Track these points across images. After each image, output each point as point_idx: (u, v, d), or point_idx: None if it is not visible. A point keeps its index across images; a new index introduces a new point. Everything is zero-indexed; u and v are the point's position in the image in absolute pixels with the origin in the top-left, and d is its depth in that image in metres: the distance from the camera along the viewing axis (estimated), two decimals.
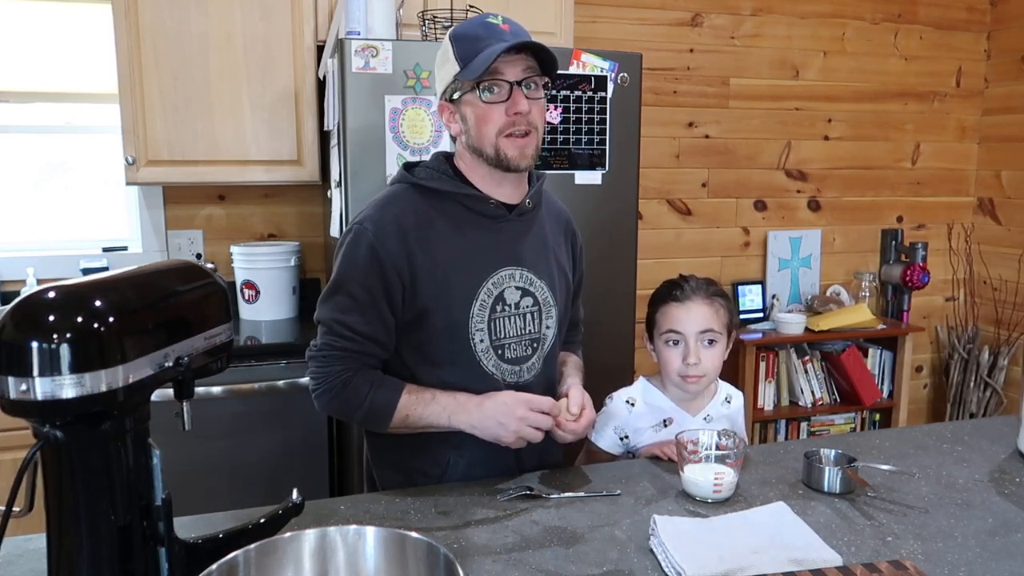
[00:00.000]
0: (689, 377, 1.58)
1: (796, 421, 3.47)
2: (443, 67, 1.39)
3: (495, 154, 1.38)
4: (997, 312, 3.72)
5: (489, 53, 1.31)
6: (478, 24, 1.37)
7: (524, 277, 1.46)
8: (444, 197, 1.42)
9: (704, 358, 1.58)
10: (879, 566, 1.09)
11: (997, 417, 2.79)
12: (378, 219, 1.38)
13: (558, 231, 1.57)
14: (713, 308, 1.59)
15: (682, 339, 1.58)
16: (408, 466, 1.47)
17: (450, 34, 1.37)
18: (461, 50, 1.34)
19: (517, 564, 1.13)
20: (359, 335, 1.36)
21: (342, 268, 1.39)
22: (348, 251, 1.38)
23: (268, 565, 0.91)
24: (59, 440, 0.86)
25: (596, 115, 2.33)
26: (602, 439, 1.65)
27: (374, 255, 1.36)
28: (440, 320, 1.39)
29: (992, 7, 3.68)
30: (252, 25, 2.51)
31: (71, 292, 0.84)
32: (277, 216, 2.94)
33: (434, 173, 1.43)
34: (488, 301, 1.42)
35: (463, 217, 1.42)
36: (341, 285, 1.38)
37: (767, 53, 3.41)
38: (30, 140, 2.81)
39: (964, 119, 3.76)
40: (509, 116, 1.36)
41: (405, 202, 1.40)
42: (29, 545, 1.17)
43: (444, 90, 1.40)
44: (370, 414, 1.37)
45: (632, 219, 2.45)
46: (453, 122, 1.42)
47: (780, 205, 3.55)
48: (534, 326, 1.48)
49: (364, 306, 1.36)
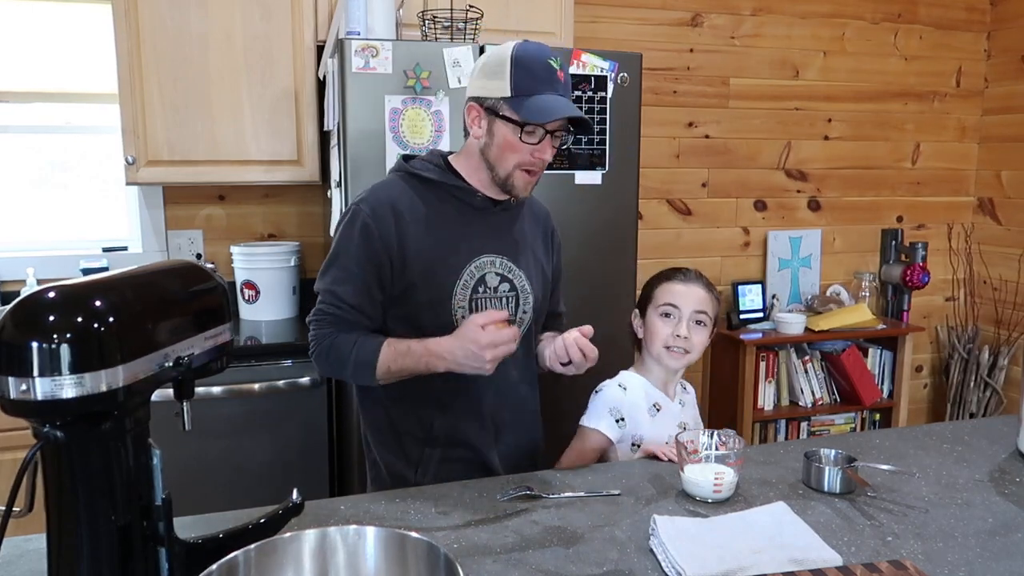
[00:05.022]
0: (673, 350, 1.65)
1: (796, 421, 3.47)
2: (491, 77, 1.44)
3: (505, 179, 1.49)
4: (997, 312, 3.72)
5: (549, 109, 1.41)
6: (541, 60, 1.43)
7: (504, 265, 1.56)
8: (436, 187, 1.53)
9: (692, 336, 1.66)
10: (879, 566, 1.09)
11: (997, 417, 2.80)
12: (374, 201, 1.50)
13: (537, 227, 1.67)
14: (709, 295, 1.70)
15: (677, 313, 1.67)
16: (398, 429, 1.58)
17: (514, 52, 1.43)
18: (517, 78, 1.42)
19: (517, 564, 1.13)
20: (348, 304, 1.48)
21: (339, 243, 1.51)
22: (345, 228, 1.50)
23: (268, 565, 0.91)
24: (59, 440, 0.86)
25: (596, 115, 2.33)
26: (600, 422, 1.64)
27: (368, 233, 1.47)
28: (424, 295, 1.50)
29: (992, 7, 3.68)
30: (252, 25, 2.51)
31: (71, 292, 0.84)
32: (277, 216, 2.94)
33: (429, 165, 1.54)
34: (470, 282, 1.52)
35: (452, 206, 1.53)
36: (337, 258, 1.51)
37: (767, 53, 3.41)
38: (30, 140, 2.81)
39: (964, 119, 3.76)
40: (534, 157, 1.47)
41: (401, 188, 1.52)
42: (29, 545, 1.17)
43: (484, 98, 1.46)
44: (357, 367, 1.47)
45: (632, 219, 2.45)
46: (478, 125, 1.49)
47: (780, 205, 3.56)
48: (512, 310, 1.58)
49: (355, 279, 1.48)
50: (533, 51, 1.44)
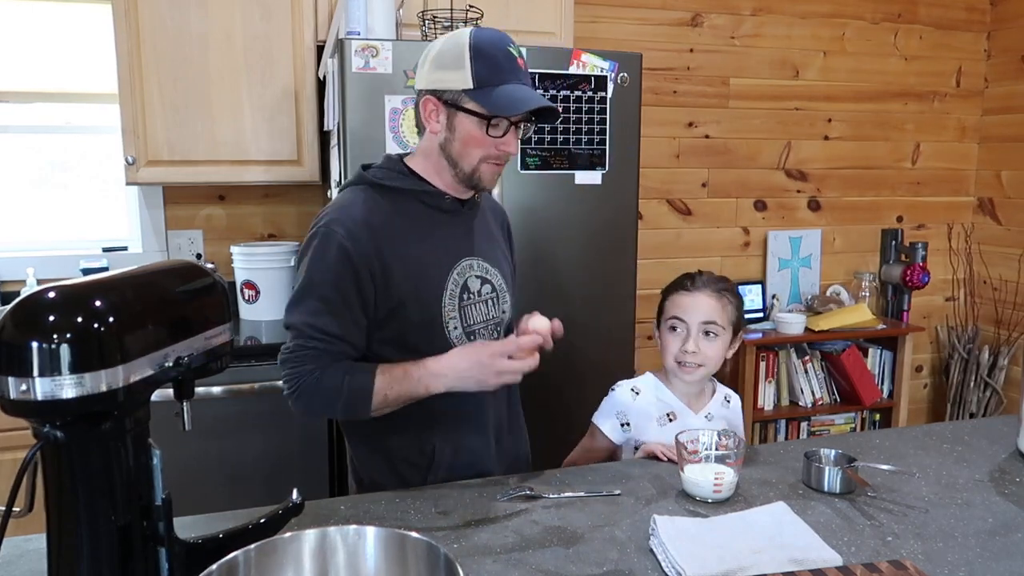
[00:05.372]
0: (684, 365, 1.60)
1: (796, 421, 3.47)
2: (447, 68, 1.36)
3: (470, 173, 1.42)
4: (997, 312, 3.72)
5: (519, 101, 1.34)
6: (501, 48, 1.36)
7: (481, 266, 1.51)
8: (404, 195, 1.44)
9: (703, 348, 1.59)
10: (879, 566, 1.09)
11: (997, 417, 2.80)
12: (347, 220, 1.38)
13: (496, 222, 1.63)
14: (720, 303, 1.61)
15: (684, 327, 1.61)
16: (394, 457, 1.48)
17: (471, 41, 1.35)
18: (478, 68, 1.34)
19: (517, 564, 1.13)
20: (333, 336, 1.37)
21: (312, 271, 1.38)
22: (317, 254, 1.37)
23: (268, 565, 0.91)
24: (59, 440, 0.86)
25: (596, 115, 2.33)
26: (605, 422, 1.65)
27: (346, 257, 1.36)
28: (415, 313, 1.41)
29: (992, 7, 3.68)
30: (252, 25, 2.51)
31: (71, 292, 0.84)
32: (277, 216, 2.94)
33: (391, 173, 1.45)
34: (456, 291, 1.46)
35: (422, 213, 1.45)
36: (311, 289, 1.38)
37: (767, 53, 3.41)
38: (30, 140, 2.81)
39: (964, 119, 3.76)
40: (499, 150, 1.40)
41: (369, 202, 1.42)
42: (29, 545, 1.17)
43: (441, 91, 1.38)
44: (349, 404, 1.37)
45: (632, 219, 2.45)
46: (435, 121, 1.41)
47: (780, 205, 3.55)
48: (496, 311, 1.54)
49: (336, 308, 1.37)
50: (491, 39, 1.36)
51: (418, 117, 1.44)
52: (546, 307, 2.51)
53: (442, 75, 1.37)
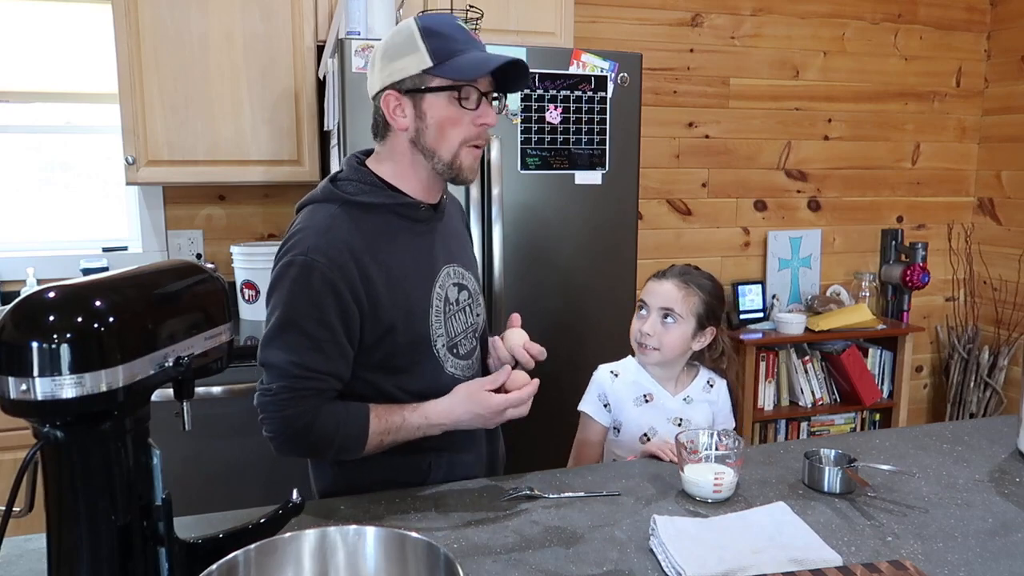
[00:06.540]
0: (642, 347, 1.68)
1: (796, 421, 3.47)
2: (400, 56, 1.30)
3: (451, 161, 1.35)
4: (997, 312, 3.72)
5: (482, 61, 1.29)
6: (451, 24, 1.32)
7: (457, 272, 1.47)
8: (380, 210, 1.35)
9: (659, 332, 1.65)
10: (879, 566, 1.09)
11: (997, 417, 2.79)
12: (327, 248, 1.28)
13: (459, 219, 1.59)
14: (683, 292, 1.66)
15: (646, 309, 1.68)
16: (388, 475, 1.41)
17: (419, 24, 1.30)
18: (434, 45, 1.28)
19: (517, 564, 1.13)
20: (320, 373, 1.29)
21: (291, 304, 1.27)
22: (297, 285, 1.27)
23: (268, 565, 0.91)
24: (59, 440, 0.86)
25: (596, 115, 2.33)
26: (588, 404, 1.73)
27: (330, 287, 1.27)
28: (404, 335, 1.35)
29: (992, 7, 3.68)
30: (252, 25, 2.51)
31: (71, 292, 0.84)
32: (277, 216, 2.94)
33: (363, 187, 1.36)
34: (440, 305, 1.41)
35: (399, 226, 1.37)
36: (292, 323, 1.27)
37: (767, 53, 3.41)
38: (30, 140, 2.81)
39: (964, 119, 3.76)
40: (477, 126, 1.34)
41: (346, 224, 1.32)
42: (29, 545, 1.17)
43: (400, 80, 1.31)
44: (342, 450, 1.33)
45: (632, 219, 2.45)
46: (401, 115, 1.33)
47: (780, 205, 3.55)
48: (472, 317, 1.50)
49: (322, 343, 1.28)
50: (439, 18, 1.32)
51: (376, 124, 1.38)
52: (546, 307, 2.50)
53: (396, 65, 1.31)
